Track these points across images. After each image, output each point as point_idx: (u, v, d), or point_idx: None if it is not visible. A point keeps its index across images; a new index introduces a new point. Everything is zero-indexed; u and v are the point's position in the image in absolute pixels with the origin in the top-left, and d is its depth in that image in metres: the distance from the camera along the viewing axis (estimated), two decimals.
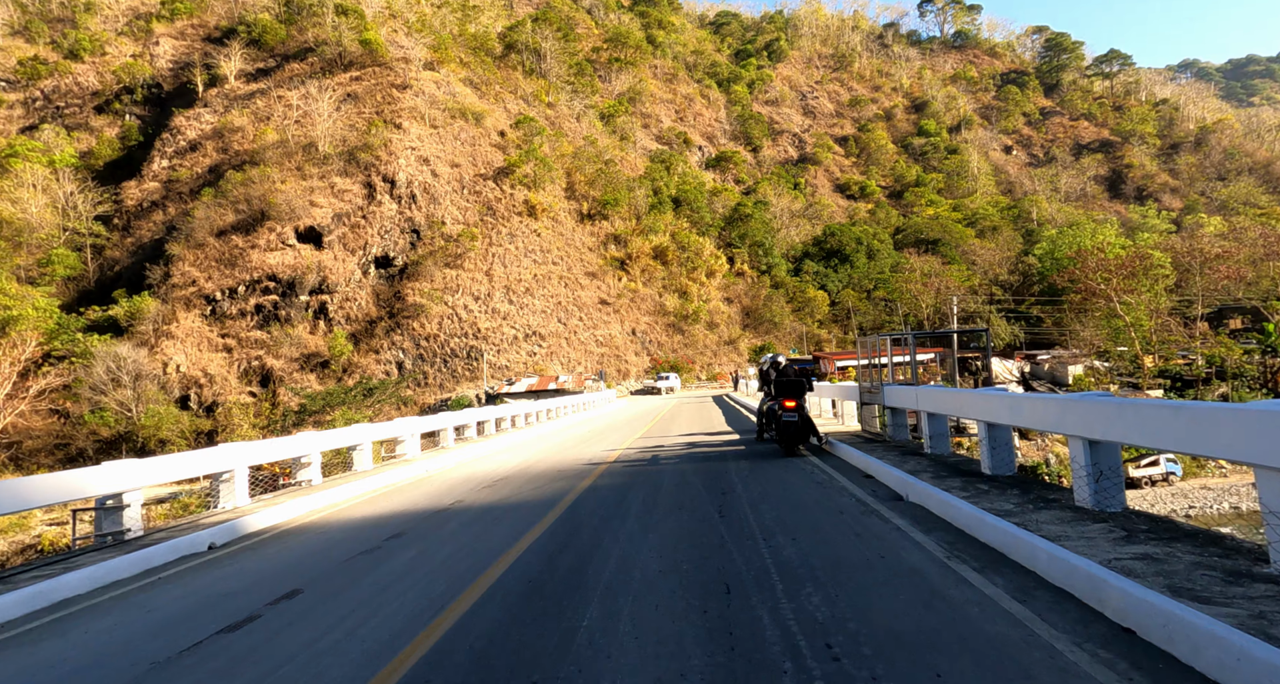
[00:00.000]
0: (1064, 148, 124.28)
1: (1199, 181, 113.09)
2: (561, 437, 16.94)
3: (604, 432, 17.47)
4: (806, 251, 79.46)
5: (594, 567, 4.86)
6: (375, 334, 53.71)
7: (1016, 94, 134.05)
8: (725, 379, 60.51)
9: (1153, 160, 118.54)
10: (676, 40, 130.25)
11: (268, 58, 75.10)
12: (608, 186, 70.60)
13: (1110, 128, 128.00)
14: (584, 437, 16.03)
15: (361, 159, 60.60)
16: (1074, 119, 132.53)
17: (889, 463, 7.98)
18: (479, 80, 79.59)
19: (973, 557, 4.60)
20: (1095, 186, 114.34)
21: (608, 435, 16.23)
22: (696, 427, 16.81)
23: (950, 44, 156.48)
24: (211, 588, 5.28)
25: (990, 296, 76.18)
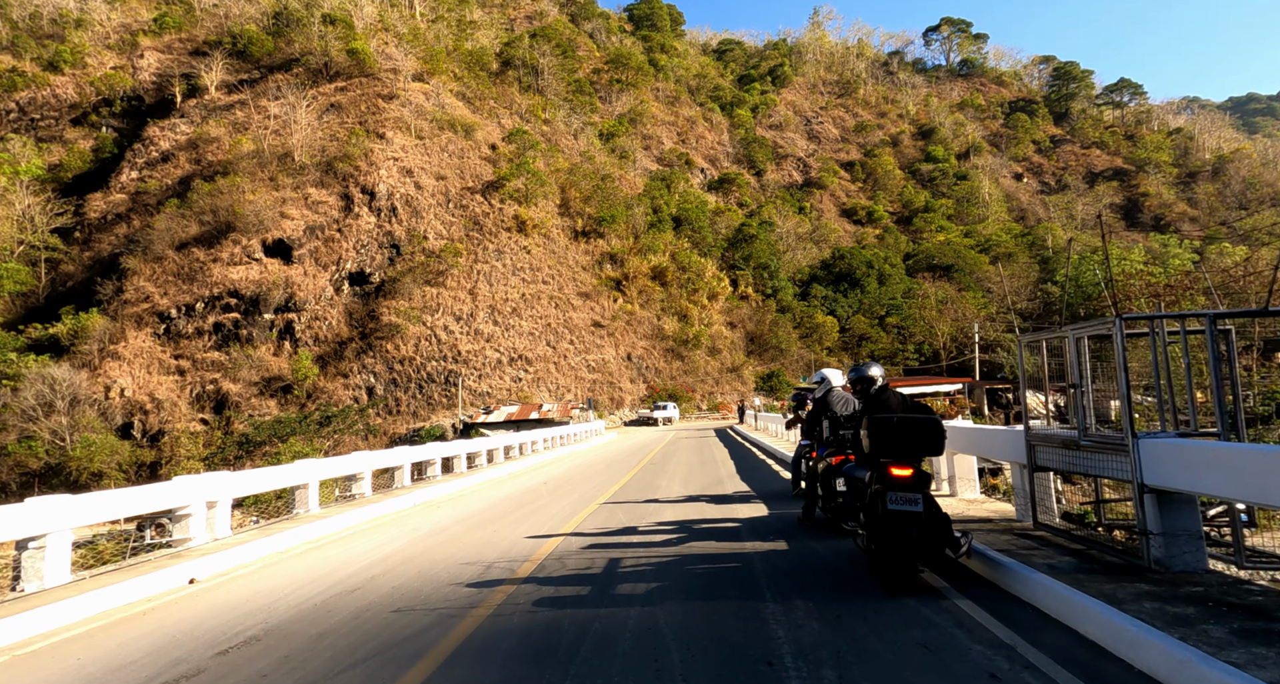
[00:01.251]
0: (1076, 176, 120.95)
1: (1219, 211, 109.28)
2: (506, 490, 11.99)
3: (568, 482, 12.55)
4: (814, 275, 75.11)
5: None
6: (345, 356, 48.95)
7: (1026, 122, 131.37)
8: (729, 409, 55.46)
9: (1169, 189, 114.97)
10: (679, 64, 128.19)
11: (252, 69, 71.85)
12: (604, 203, 66.56)
13: (1124, 156, 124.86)
14: (533, 495, 10.99)
15: (339, 169, 56.62)
16: (1085, 147, 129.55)
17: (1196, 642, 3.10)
18: (472, 94, 76.29)
19: None
20: (1111, 215, 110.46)
21: (572, 489, 11.32)
22: (696, 478, 11.97)
23: (956, 72, 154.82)
24: None
25: (1009, 325, 71.21)
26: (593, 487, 11.36)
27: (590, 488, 11.21)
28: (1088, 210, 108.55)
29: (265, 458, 32.82)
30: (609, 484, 11.61)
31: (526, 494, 10.99)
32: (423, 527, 8.30)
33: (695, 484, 10.90)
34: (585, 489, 11.07)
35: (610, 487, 11.23)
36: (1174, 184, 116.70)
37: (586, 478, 13.14)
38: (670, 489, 10.41)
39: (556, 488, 11.49)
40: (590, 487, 11.38)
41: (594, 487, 11.36)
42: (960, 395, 43.09)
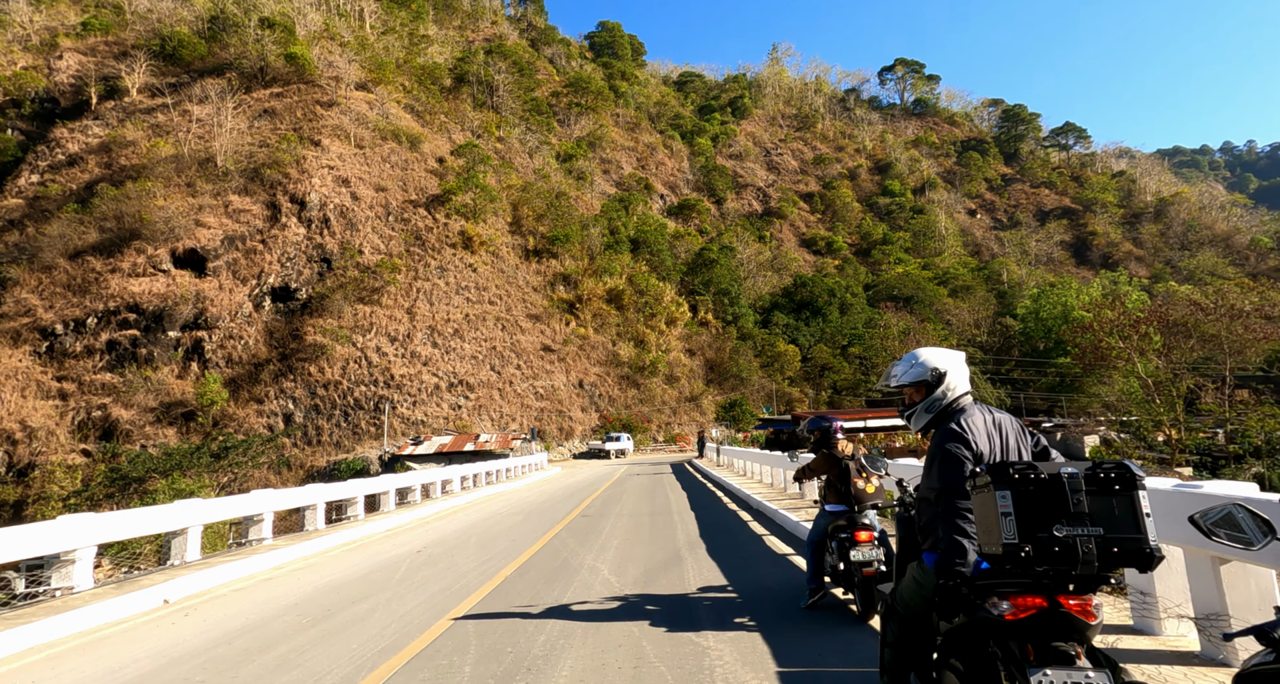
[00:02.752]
0: (1028, 213, 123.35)
1: (1163, 251, 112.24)
2: (360, 560, 7.86)
3: (457, 548, 8.50)
4: (775, 303, 72.73)
5: None
6: (261, 380, 43.70)
7: (978, 160, 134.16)
8: (686, 441, 51.72)
9: (1115, 229, 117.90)
10: (639, 92, 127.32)
11: (181, 73, 66.80)
12: (559, 222, 63.11)
13: (1071, 196, 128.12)
14: (385, 575, 6.78)
15: (267, 176, 51.91)
16: (1035, 186, 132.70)
17: None
18: (422, 108, 72.61)
19: None
20: (1062, 252, 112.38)
21: (448, 566, 7.29)
22: (641, 549, 7.94)
23: (910, 111, 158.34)
24: None
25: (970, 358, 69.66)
26: (479, 561, 7.38)
27: (474, 563, 7.22)
28: (1040, 247, 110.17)
29: (143, 497, 27.58)
30: (508, 556, 7.64)
31: (378, 573, 6.99)
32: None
33: (637, 564, 7.00)
34: (466, 566, 7.08)
35: (508, 562, 7.26)
36: (1119, 224, 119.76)
37: (486, 540, 9.12)
38: (596, 574, 6.49)
39: (427, 562, 7.46)
40: (476, 561, 7.40)
41: (481, 561, 7.38)
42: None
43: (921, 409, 2.63)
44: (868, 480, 4.68)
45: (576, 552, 7.64)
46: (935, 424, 2.60)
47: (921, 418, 2.64)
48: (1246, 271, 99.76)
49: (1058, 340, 66.80)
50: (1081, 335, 48.27)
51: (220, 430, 39.71)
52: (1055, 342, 66.78)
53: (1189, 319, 43.32)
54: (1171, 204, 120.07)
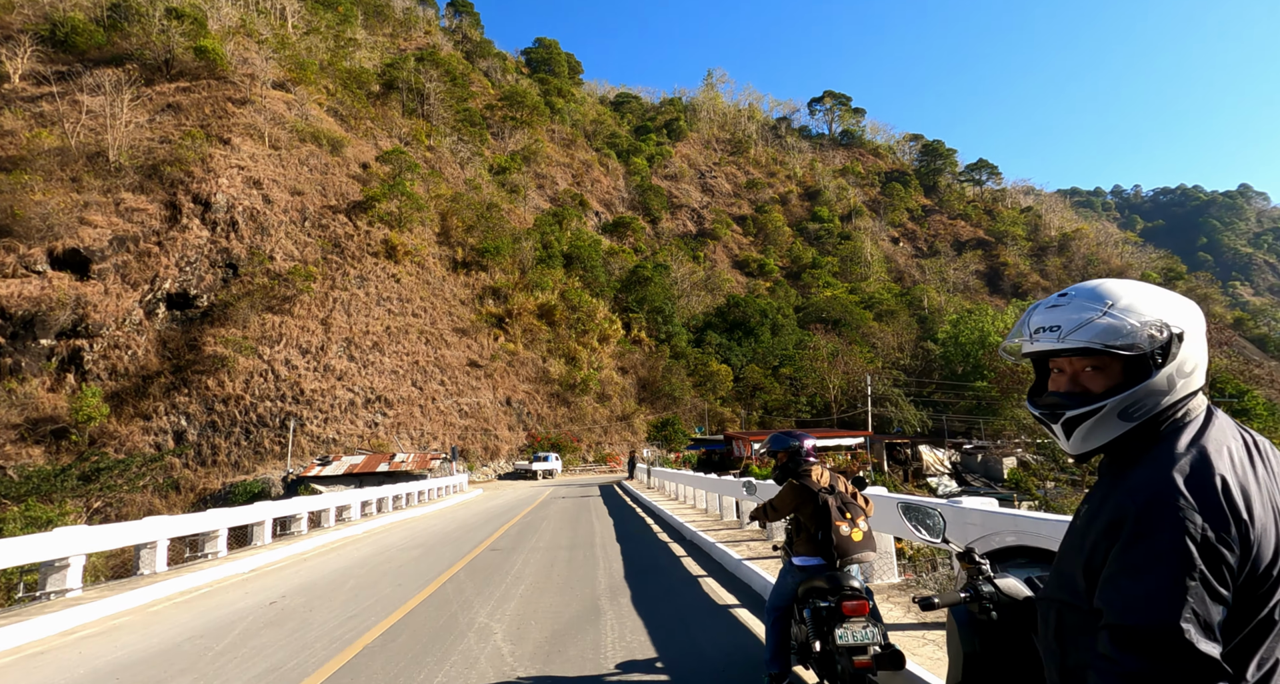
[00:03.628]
0: (946, 243, 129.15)
1: (1066, 283, 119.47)
2: (159, 634, 5.99)
3: (321, 600, 6.75)
4: (709, 322, 72.64)
5: None
6: (149, 394, 39.65)
7: (900, 190, 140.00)
8: (617, 462, 50.26)
9: (1025, 261, 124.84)
10: (576, 109, 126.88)
11: (74, 62, 61.34)
12: (490, 233, 61.07)
13: (985, 229, 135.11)
14: (192, 650, 5.06)
15: (167, 174, 47.91)
16: (952, 218, 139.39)
17: None
18: (347, 112, 69.41)
19: None
20: (977, 281, 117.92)
21: (304, 625, 5.60)
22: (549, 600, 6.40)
23: (838, 141, 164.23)
24: None
25: (895, 380, 71.51)
26: (343, 617, 5.67)
27: (335, 622, 5.52)
28: (957, 275, 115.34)
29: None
30: (383, 609, 5.96)
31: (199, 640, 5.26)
32: None
33: (542, 622, 5.41)
34: (322, 627, 5.35)
35: (379, 620, 5.55)
36: (1028, 256, 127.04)
37: (367, 583, 7.42)
38: (487, 640, 4.93)
39: (274, 620, 5.70)
40: (339, 617, 5.70)
41: (346, 617, 5.68)
42: (862, 450, 40.32)
43: (1114, 410, 1.20)
44: (854, 524, 3.36)
45: (471, 602, 6.15)
46: (1137, 446, 1.21)
47: (1108, 429, 1.22)
48: None
49: (975, 365, 69.29)
50: (998, 360, 50.03)
51: (97, 450, 35.59)
52: (973, 366, 69.20)
53: None
54: (1073, 239, 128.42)
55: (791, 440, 3.73)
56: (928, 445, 45.17)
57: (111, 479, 28.21)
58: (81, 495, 27.33)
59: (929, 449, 44.05)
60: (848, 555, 3.32)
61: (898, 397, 64.87)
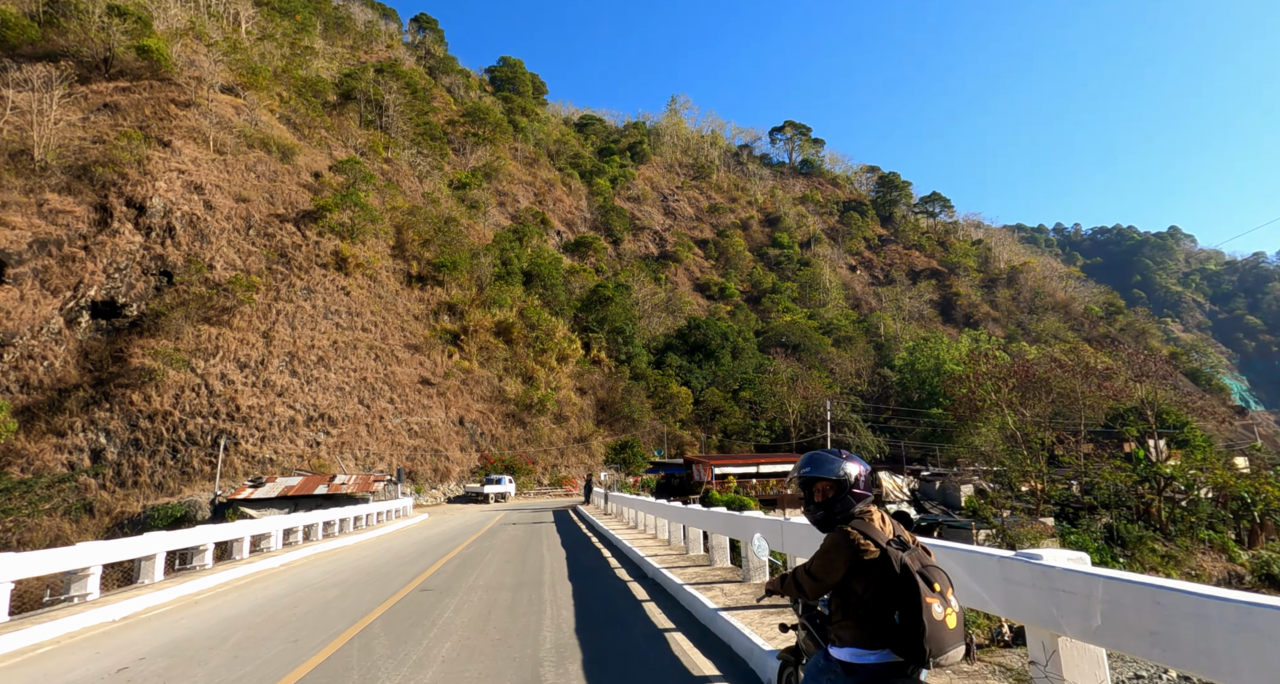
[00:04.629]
0: (901, 272, 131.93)
1: (1015, 314, 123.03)
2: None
3: (194, 662, 5.32)
4: (669, 343, 71.86)
5: None
6: (66, 408, 36.60)
7: (858, 219, 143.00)
8: (573, 485, 48.60)
9: (976, 291, 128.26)
10: (539, 128, 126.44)
11: (3, 56, 57.95)
12: (447, 248, 59.33)
13: (938, 260, 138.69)
14: None
15: (98, 175, 45.11)
16: (907, 248, 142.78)
17: None
18: (300, 120, 67.19)
19: None
20: (931, 309, 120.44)
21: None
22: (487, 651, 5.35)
23: (798, 170, 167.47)
24: None
25: (853, 406, 71.75)
26: None
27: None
28: (913, 304, 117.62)
29: None
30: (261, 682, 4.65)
31: None
32: None
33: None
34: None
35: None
36: (979, 287, 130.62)
37: (254, 640, 5.93)
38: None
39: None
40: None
41: None
42: None
43: None
44: (945, 602, 2.14)
45: (376, 671, 4.82)
46: None
47: None
48: (1082, 336, 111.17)
49: (931, 391, 70.02)
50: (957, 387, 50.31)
51: (1, 469, 32.48)
52: (929, 393, 69.92)
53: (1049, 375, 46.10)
54: (1021, 272, 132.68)
55: (840, 464, 2.51)
56: (886, 471, 44.84)
57: (9, 502, 25.50)
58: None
59: (888, 475, 43.70)
60: (943, 651, 2.12)
61: (856, 422, 64.90)
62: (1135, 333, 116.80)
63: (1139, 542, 31.05)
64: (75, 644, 6.21)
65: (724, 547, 8.68)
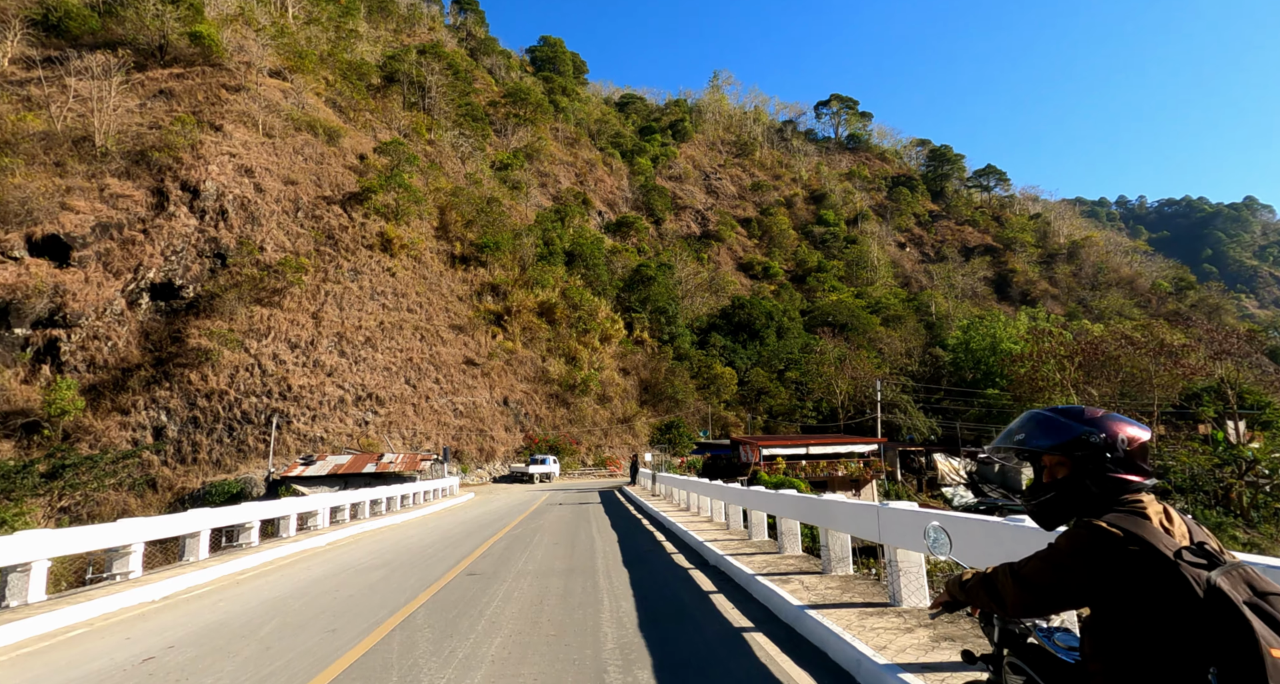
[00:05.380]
0: (953, 249, 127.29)
1: (1075, 290, 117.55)
2: None
3: (226, 653, 4.86)
4: (713, 323, 70.74)
5: None
6: (129, 387, 37.80)
7: (907, 195, 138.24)
8: (617, 466, 48.35)
9: (1033, 268, 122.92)
10: (580, 108, 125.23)
11: (66, 47, 59.69)
12: (489, 228, 59.25)
13: (993, 235, 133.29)
14: None
15: (155, 160, 46.16)
16: (960, 224, 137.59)
17: None
18: (345, 103, 67.72)
19: None
20: (985, 287, 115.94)
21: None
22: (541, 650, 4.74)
23: (844, 145, 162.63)
24: None
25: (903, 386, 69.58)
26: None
27: None
28: (965, 281, 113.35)
29: None
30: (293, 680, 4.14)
31: None
32: None
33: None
34: None
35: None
36: (1037, 263, 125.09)
37: (291, 628, 5.44)
38: None
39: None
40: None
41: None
42: (875, 458, 38.36)
43: None
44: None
45: (418, 672, 4.26)
46: None
47: None
48: (1149, 313, 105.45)
49: (986, 371, 67.35)
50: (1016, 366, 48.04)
51: (71, 445, 33.78)
52: (984, 373, 67.27)
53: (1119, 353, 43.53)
54: (1082, 247, 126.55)
55: (1083, 428, 1.65)
56: (942, 454, 43.25)
57: (77, 476, 26.35)
58: (44, 493, 25.48)
59: (944, 457, 42.14)
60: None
61: (906, 403, 62.90)
62: (1208, 309, 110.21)
63: (1218, 528, 29.20)
64: (108, 627, 5.91)
65: (795, 533, 7.93)
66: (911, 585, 4.95)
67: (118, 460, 28.49)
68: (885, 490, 35.42)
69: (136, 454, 31.46)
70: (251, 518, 10.79)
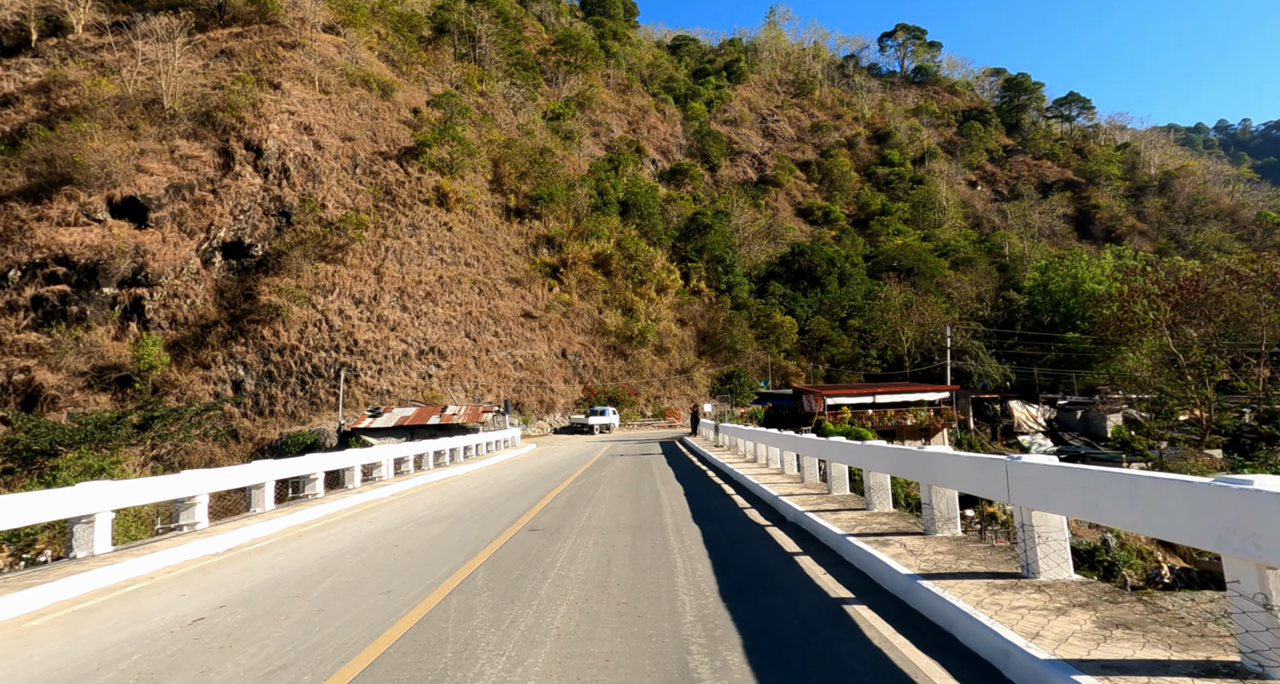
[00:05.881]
0: (1029, 185, 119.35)
1: (1167, 225, 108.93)
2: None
3: (278, 613, 4.61)
4: (771, 271, 68.80)
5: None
6: (208, 343, 39.49)
7: (979, 130, 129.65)
8: (675, 417, 48.17)
9: (1119, 202, 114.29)
10: (631, 53, 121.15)
11: (133, 10, 60.83)
12: (543, 180, 58.50)
13: (1074, 169, 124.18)
14: None
15: (220, 120, 46.97)
16: (1037, 158, 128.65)
17: None
18: (398, 57, 67.17)
19: None
20: (1064, 225, 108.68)
21: (205, 677, 3.36)
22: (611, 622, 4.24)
23: (911, 79, 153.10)
24: None
25: (974, 332, 66.39)
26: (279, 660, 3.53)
27: (261, 673, 3.33)
28: (1043, 220, 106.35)
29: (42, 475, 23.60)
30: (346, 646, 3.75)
31: None
32: None
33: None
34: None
35: (331, 669, 3.38)
36: (1123, 197, 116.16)
37: (348, 586, 5.14)
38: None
39: (174, 660, 3.55)
40: (273, 657, 3.52)
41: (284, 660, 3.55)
42: (946, 406, 36.78)
43: None
44: None
45: (475, 645, 3.83)
46: None
47: None
48: (1253, 247, 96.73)
49: (1065, 314, 63.53)
50: (1103, 305, 44.67)
51: (159, 398, 35.69)
52: (1063, 316, 63.51)
53: (1222, 290, 39.77)
54: (1176, 177, 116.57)
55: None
56: (1018, 400, 41.18)
57: (165, 427, 27.73)
58: (136, 443, 26.95)
59: (1020, 405, 40.10)
60: None
61: (977, 349, 60.12)
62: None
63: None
64: (168, 581, 5.81)
65: (885, 488, 7.20)
66: (1053, 555, 4.25)
67: (201, 412, 29.84)
68: (957, 439, 34.01)
69: (218, 406, 32.94)
70: (315, 469, 10.79)
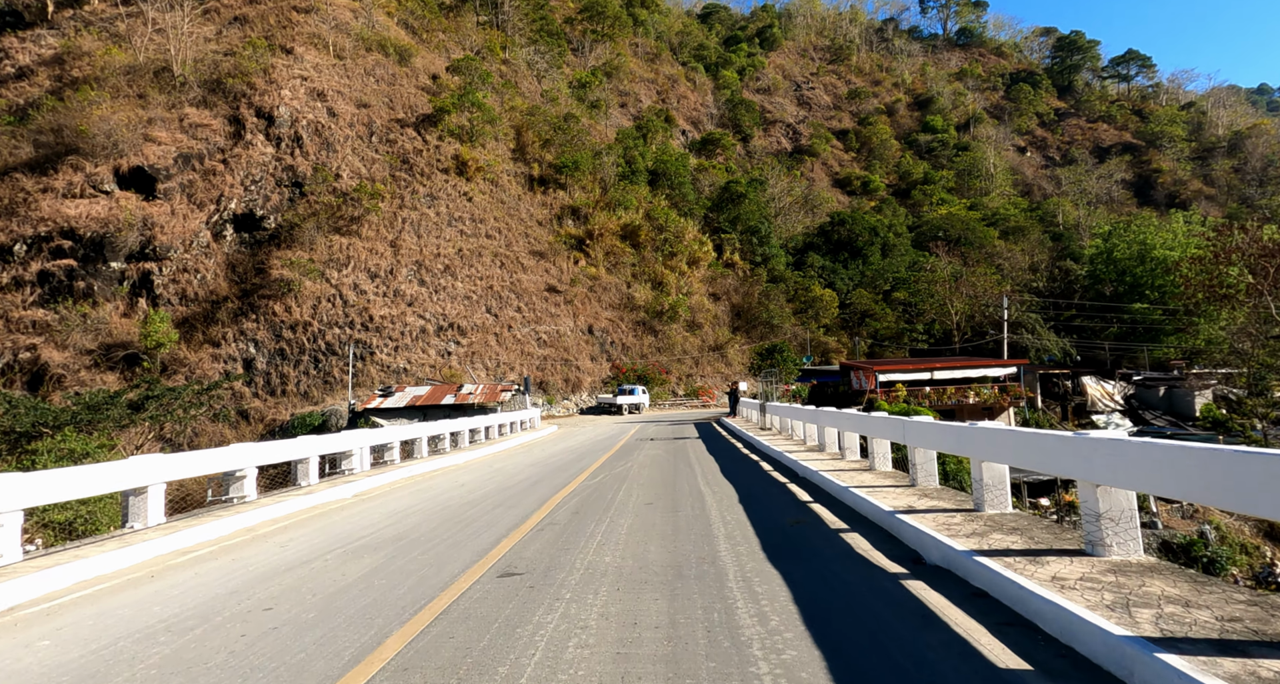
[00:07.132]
0: (1083, 150, 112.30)
1: (1238, 189, 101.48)
2: None
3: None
4: (810, 242, 65.08)
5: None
6: (218, 319, 37.83)
7: (1029, 93, 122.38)
8: (709, 396, 45.34)
9: (1184, 165, 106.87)
10: (660, 20, 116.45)
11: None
12: (568, 148, 55.57)
13: (1133, 131, 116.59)
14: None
15: (230, 86, 44.97)
16: (1092, 121, 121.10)
17: None
18: (417, 23, 64.46)
19: None
20: (1123, 191, 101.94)
21: None
22: None
23: (954, 42, 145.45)
24: None
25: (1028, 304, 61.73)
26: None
27: None
28: (1099, 185, 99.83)
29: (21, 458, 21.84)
30: None
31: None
32: None
33: None
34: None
35: None
36: (1188, 160, 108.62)
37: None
38: None
39: None
40: None
41: None
42: (1012, 383, 33.22)
43: None
44: None
45: None
46: None
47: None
48: None
49: (1132, 284, 58.69)
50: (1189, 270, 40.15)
51: (164, 377, 34.11)
52: (1129, 285, 58.68)
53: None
54: (1248, 137, 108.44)
55: None
56: (1091, 376, 37.42)
57: (161, 408, 25.83)
58: (127, 425, 25.06)
59: (1094, 381, 36.37)
60: None
61: (1034, 322, 55.90)
62: None
63: None
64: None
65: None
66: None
67: (202, 392, 27.90)
68: (1025, 419, 30.66)
69: (219, 385, 31.08)
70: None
